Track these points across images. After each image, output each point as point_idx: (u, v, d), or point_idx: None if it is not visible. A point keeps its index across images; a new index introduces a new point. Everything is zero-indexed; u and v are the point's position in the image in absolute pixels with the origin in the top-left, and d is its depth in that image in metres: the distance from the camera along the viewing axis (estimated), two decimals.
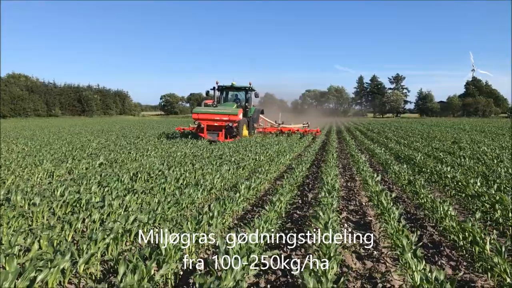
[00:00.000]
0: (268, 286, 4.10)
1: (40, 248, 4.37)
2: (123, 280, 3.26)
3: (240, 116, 20.63)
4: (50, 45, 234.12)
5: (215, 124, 19.93)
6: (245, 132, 21.74)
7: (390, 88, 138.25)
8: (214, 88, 23.06)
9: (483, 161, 11.96)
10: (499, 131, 31.47)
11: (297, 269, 3.46)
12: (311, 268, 3.60)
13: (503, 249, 4.24)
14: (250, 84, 23.44)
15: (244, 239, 4.32)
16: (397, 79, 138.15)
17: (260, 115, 27.60)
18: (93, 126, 42.80)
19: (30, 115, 74.35)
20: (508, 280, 3.72)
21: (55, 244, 4.47)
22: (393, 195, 7.06)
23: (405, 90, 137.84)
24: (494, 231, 5.45)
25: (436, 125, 47.93)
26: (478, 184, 7.64)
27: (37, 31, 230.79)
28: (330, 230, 4.80)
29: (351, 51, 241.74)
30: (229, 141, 18.86)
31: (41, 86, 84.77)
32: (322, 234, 4.54)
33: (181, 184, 8.31)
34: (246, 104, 23.40)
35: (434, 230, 6.10)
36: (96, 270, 4.22)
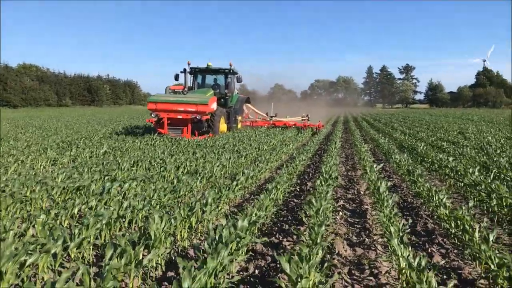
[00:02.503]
0: (257, 271, 4.16)
1: (35, 233, 4.47)
2: (109, 264, 3.33)
3: (214, 106, 16.15)
4: (61, 35, 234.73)
5: (178, 116, 15.46)
6: (223, 126, 17.68)
7: (399, 79, 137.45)
8: (184, 70, 18.21)
9: (485, 151, 11.91)
10: (507, 121, 31.19)
11: (279, 254, 3.50)
12: (295, 253, 3.65)
13: (490, 237, 4.27)
14: (230, 64, 18.78)
15: (234, 225, 4.38)
16: (407, 69, 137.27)
17: (249, 106, 23.55)
18: (102, 115, 43.12)
19: (41, 105, 74.86)
20: (493, 267, 3.75)
21: (49, 229, 4.57)
22: (389, 184, 7.08)
23: (414, 81, 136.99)
24: (485, 219, 5.47)
25: (444, 115, 47.63)
26: (476, 173, 7.63)
27: (48, 21, 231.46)
28: (321, 217, 4.86)
29: (360, 41, 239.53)
30: (199, 139, 14.95)
31: (52, 76, 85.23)
32: (312, 221, 4.59)
33: (181, 172, 8.40)
34: (226, 91, 18.89)
35: (428, 219, 6.12)
36: (89, 254, 4.32)
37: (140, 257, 3.68)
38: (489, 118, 38.85)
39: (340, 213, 6.40)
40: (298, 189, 8.10)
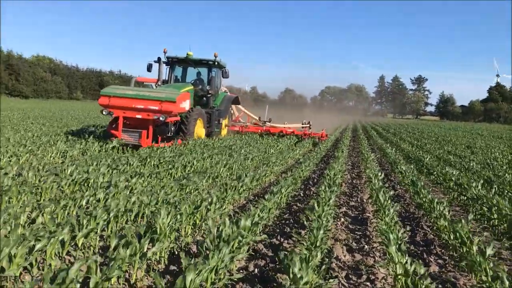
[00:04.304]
0: (256, 270, 4.28)
1: (44, 221, 4.62)
2: (114, 253, 3.47)
3: (185, 104, 12.86)
4: (75, 29, 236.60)
5: (137, 116, 11.91)
6: (200, 131, 14.26)
7: (411, 89, 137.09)
8: (159, 59, 15.29)
9: (491, 166, 11.94)
10: None
11: (283, 256, 3.61)
12: (293, 254, 3.76)
13: (487, 251, 4.34)
14: (215, 56, 15.46)
15: (237, 224, 4.50)
16: (419, 80, 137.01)
17: (240, 108, 20.52)
18: None
19: (52, 97, 75.60)
20: (486, 279, 3.84)
21: (58, 218, 4.72)
22: (392, 193, 7.16)
23: (426, 92, 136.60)
24: (485, 233, 5.54)
25: (454, 129, 47.50)
26: (479, 187, 7.70)
27: (62, 15, 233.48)
28: (322, 222, 4.96)
29: (373, 50, 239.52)
30: (164, 145, 11.76)
31: (64, 69, 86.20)
32: (313, 225, 4.70)
33: (188, 171, 8.55)
34: (208, 87, 15.75)
35: (428, 229, 6.21)
36: (95, 245, 4.46)
37: (145, 250, 3.81)
38: (499, 133, 38.69)
39: (342, 219, 6.50)
40: (302, 194, 8.21)
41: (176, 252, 4.54)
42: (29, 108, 37.33)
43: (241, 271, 4.29)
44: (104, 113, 12.14)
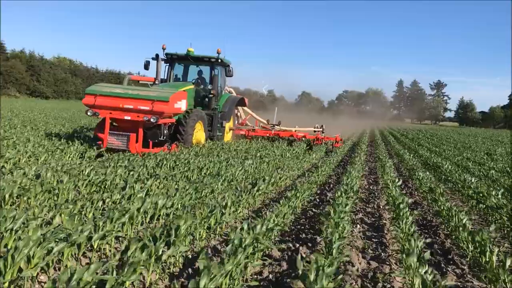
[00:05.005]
0: (271, 275, 4.25)
1: (61, 222, 4.66)
2: (130, 256, 3.48)
3: (181, 105, 11.60)
4: (96, 30, 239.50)
5: (126, 117, 10.68)
6: (199, 135, 13.01)
7: (430, 95, 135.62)
8: (157, 56, 14.01)
9: None
10: None
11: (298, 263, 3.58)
12: (310, 262, 3.73)
13: (508, 262, 4.25)
14: (218, 52, 14.29)
15: (252, 230, 4.48)
16: (439, 85, 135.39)
17: (246, 110, 19.05)
18: None
19: (72, 98, 76.61)
20: None
21: (75, 220, 4.76)
22: (410, 200, 7.06)
23: (445, 98, 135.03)
24: (506, 244, 5.42)
25: (473, 135, 46.80)
26: (500, 196, 7.55)
27: (83, 16, 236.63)
28: (338, 229, 4.91)
29: (391, 54, 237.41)
30: (152, 152, 10.50)
31: (84, 70, 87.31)
32: (328, 232, 4.66)
33: (204, 173, 8.56)
34: (210, 87, 14.39)
35: (446, 238, 6.11)
36: (111, 246, 4.48)
37: (160, 253, 3.81)
38: None
39: (358, 226, 6.43)
40: (318, 199, 8.15)
41: (191, 256, 4.54)
42: (49, 108, 37.90)
43: (255, 276, 4.26)
44: (89, 114, 10.93)
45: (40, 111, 30.19)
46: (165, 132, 11.22)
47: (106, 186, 6.56)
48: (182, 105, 11.66)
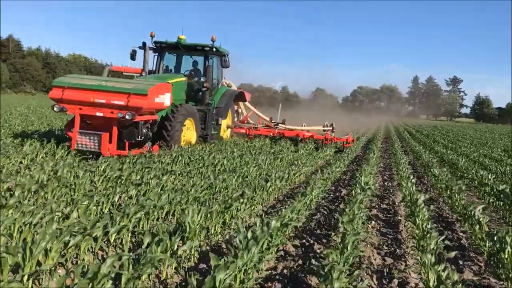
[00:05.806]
0: (285, 271, 4.26)
1: (78, 216, 4.72)
2: (146, 250, 3.51)
3: (164, 99, 10.09)
4: (111, 28, 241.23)
5: (98, 113, 9.14)
6: (190, 134, 11.65)
7: (446, 91, 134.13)
8: (144, 45, 12.51)
9: None
10: None
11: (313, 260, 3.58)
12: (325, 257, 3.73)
13: None
14: (213, 40, 12.59)
15: (267, 225, 4.49)
16: (454, 81, 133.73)
17: (248, 106, 17.30)
18: None
19: None
20: None
21: (91, 214, 4.83)
22: (424, 197, 6.99)
23: (461, 94, 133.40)
24: None
25: (490, 131, 46.21)
26: None
27: (98, 15, 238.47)
28: (353, 225, 4.90)
29: (406, 50, 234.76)
30: (131, 154, 8.92)
31: (99, 68, 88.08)
32: (344, 228, 4.65)
33: (218, 169, 8.59)
34: (203, 79, 12.81)
35: (463, 234, 6.05)
36: (127, 241, 4.52)
37: (175, 248, 3.84)
38: None
39: (373, 222, 6.40)
40: (332, 195, 8.13)
41: (206, 250, 4.57)
42: None
43: (269, 271, 4.27)
44: (55, 109, 9.44)
45: None
46: (143, 131, 9.57)
47: (122, 182, 6.62)
48: (165, 99, 10.15)
